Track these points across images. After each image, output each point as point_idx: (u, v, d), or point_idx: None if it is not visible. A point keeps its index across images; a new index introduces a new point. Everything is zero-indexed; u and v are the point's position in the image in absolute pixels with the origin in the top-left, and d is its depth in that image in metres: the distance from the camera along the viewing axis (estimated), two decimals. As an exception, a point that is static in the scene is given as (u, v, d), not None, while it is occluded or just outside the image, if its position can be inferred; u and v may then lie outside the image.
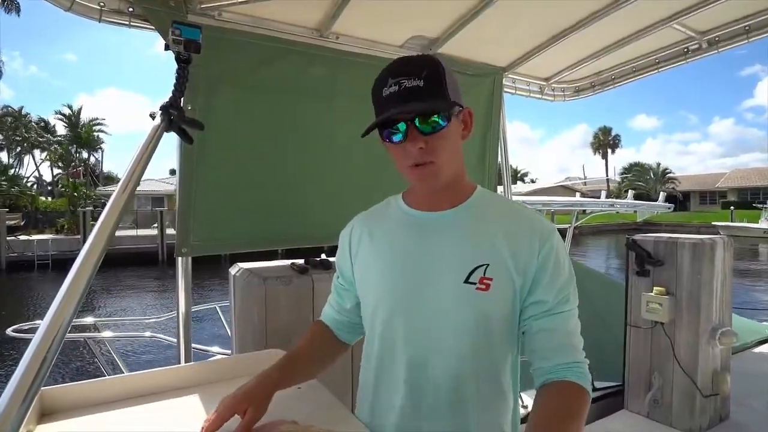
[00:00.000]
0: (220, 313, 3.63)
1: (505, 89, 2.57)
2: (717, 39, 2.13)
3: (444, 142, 0.86)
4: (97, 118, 40.71)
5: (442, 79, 0.85)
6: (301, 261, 1.72)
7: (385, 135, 0.88)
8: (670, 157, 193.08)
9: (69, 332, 0.78)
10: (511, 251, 0.89)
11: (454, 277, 0.89)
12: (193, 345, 1.76)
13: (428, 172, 0.88)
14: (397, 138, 0.86)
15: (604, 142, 60.33)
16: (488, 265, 0.89)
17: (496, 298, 0.89)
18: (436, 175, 0.88)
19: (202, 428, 0.84)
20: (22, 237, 22.02)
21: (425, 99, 0.83)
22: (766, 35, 1.98)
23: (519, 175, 63.61)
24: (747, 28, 2.02)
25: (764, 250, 23.07)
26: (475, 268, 0.89)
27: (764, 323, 3.90)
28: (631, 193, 12.96)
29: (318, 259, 1.74)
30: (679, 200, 47.39)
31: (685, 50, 2.26)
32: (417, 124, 0.84)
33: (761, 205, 29.18)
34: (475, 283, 0.88)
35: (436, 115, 0.84)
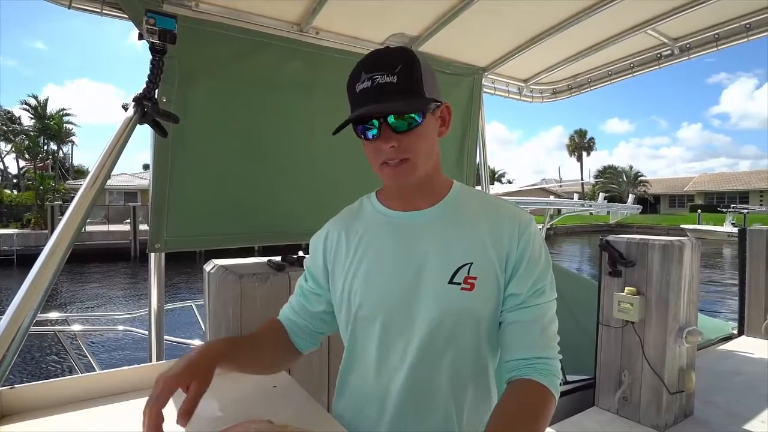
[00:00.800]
0: (195, 310, 3.56)
1: (485, 89, 2.60)
2: (688, 46, 2.20)
3: (418, 140, 0.84)
4: (64, 109, 39.38)
5: (417, 74, 0.82)
6: (278, 258, 1.70)
7: (359, 130, 0.85)
8: (642, 161, 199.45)
9: (39, 326, 0.75)
10: (493, 246, 0.88)
11: (438, 279, 0.87)
12: (169, 338, 1.73)
13: (401, 170, 0.85)
14: (371, 134, 0.84)
15: (580, 144, 61.71)
16: (471, 263, 0.87)
17: (482, 297, 0.87)
18: (409, 174, 0.85)
19: (144, 412, 0.73)
20: (-15, 231, 21.14)
21: (398, 97, 0.80)
22: (734, 43, 2.05)
23: (496, 175, 64.44)
24: (716, 36, 2.09)
25: (727, 252, 23.99)
26: (459, 268, 0.87)
27: (728, 322, 4.05)
28: (602, 195, 13.30)
29: (295, 256, 1.71)
30: (650, 203, 48.91)
31: (659, 56, 2.33)
32: (390, 122, 0.81)
33: (725, 210, 30.31)
34: (459, 284, 0.86)
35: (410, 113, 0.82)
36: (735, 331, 3.77)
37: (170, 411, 0.97)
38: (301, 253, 1.77)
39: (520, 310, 0.88)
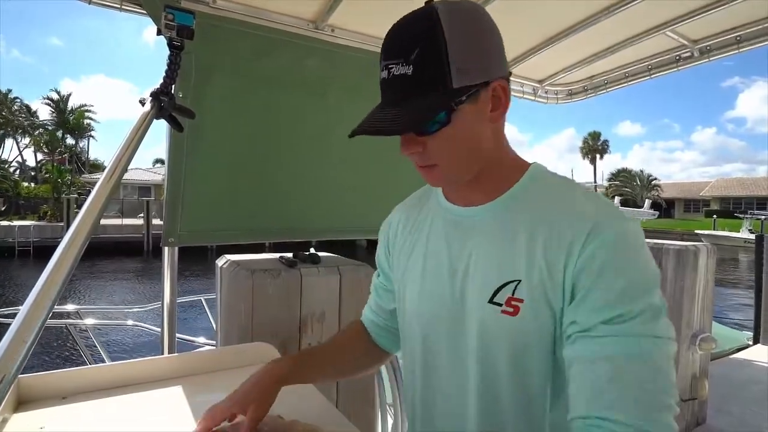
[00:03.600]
0: (205, 305, 3.59)
1: (499, 90, 2.58)
2: (709, 48, 2.16)
3: (446, 143, 0.67)
4: (86, 104, 40.06)
5: (440, 58, 0.63)
6: (289, 255, 1.71)
7: None
8: (655, 164, 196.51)
9: (50, 319, 0.76)
10: (545, 258, 0.66)
11: (479, 294, 0.70)
12: (178, 335, 1.74)
13: (433, 176, 0.72)
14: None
15: (593, 147, 61.10)
16: (519, 281, 0.67)
17: (528, 327, 0.67)
18: (440, 180, 0.73)
19: None
20: (3, 222, 21.57)
21: (414, 95, 0.64)
22: (756, 46, 2.01)
23: (508, 176, 63.86)
24: (738, 38, 2.04)
25: (744, 258, 23.56)
26: (503, 285, 0.68)
27: (744, 332, 3.98)
28: (617, 199, 13.16)
29: (307, 253, 1.72)
30: (664, 207, 48.21)
31: (677, 57, 2.29)
32: None
33: (742, 215, 29.76)
34: (501, 305, 0.68)
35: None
36: (750, 342, 3.71)
37: (172, 411, 0.98)
38: (312, 250, 1.78)
39: (583, 341, 0.62)
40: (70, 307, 3.14)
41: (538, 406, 0.69)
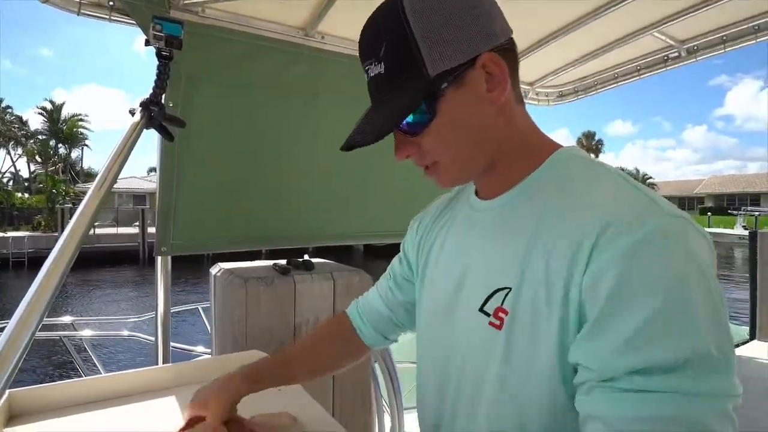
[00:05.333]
0: (201, 313, 3.58)
1: (491, 93, 2.59)
2: (696, 48, 2.18)
3: (440, 138, 0.59)
4: (79, 114, 39.93)
5: (408, 45, 0.55)
6: (283, 261, 1.70)
7: None
8: (648, 163, 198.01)
9: (45, 331, 0.76)
10: (546, 265, 0.53)
11: (470, 300, 0.62)
12: (173, 344, 1.73)
13: (438, 177, 0.64)
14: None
15: (588, 146, 61.34)
16: (510, 290, 0.57)
17: (512, 345, 0.56)
18: (446, 177, 0.64)
19: None
20: (-3, 234, 21.42)
21: (389, 94, 0.59)
22: (741, 45, 2.03)
23: (504, 178, 64.11)
24: (724, 38, 2.07)
25: (739, 254, 23.68)
26: (494, 292, 0.58)
27: (743, 327, 4.00)
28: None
29: (301, 260, 1.72)
30: (659, 205, 48.38)
31: (665, 58, 2.31)
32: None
33: (736, 212, 29.93)
34: (489, 315, 0.59)
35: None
36: (748, 336, 3.73)
37: (167, 422, 0.98)
38: (306, 257, 1.78)
39: (602, 393, 0.47)
40: (65, 318, 3.12)
41: None
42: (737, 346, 3.53)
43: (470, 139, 0.60)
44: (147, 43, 1.30)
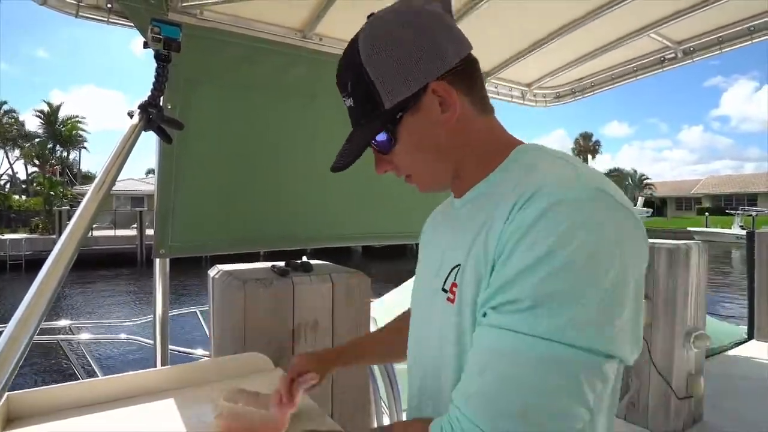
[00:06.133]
0: (200, 316, 3.57)
1: (488, 94, 2.59)
2: (692, 49, 2.19)
3: (406, 157, 0.69)
4: (77, 116, 39.85)
5: (365, 82, 0.65)
6: (281, 263, 1.70)
7: None
8: (645, 164, 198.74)
9: (42, 334, 0.76)
10: (484, 240, 0.60)
11: (440, 283, 0.68)
12: (171, 347, 1.73)
13: (416, 185, 0.73)
14: None
15: (585, 147, 61.50)
16: (460, 265, 0.64)
17: (464, 315, 0.61)
18: (423, 186, 0.73)
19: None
20: (-6, 236, 21.34)
21: (358, 125, 0.70)
22: (738, 46, 2.04)
23: (502, 179, 64.16)
24: (720, 39, 2.08)
25: (736, 255, 23.77)
26: (451, 270, 0.66)
27: (740, 327, 4.01)
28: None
29: (299, 261, 1.72)
30: (656, 206, 48.59)
31: (662, 59, 2.32)
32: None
33: (733, 212, 30.03)
34: (447, 292, 0.66)
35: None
36: (746, 335, 3.73)
37: (166, 424, 0.97)
38: (305, 258, 1.78)
39: (480, 326, 0.57)
40: (63, 322, 3.11)
41: None
42: (736, 345, 3.53)
43: (430, 155, 0.69)
44: (145, 45, 1.30)
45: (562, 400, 0.50)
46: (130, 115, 1.30)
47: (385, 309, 3.61)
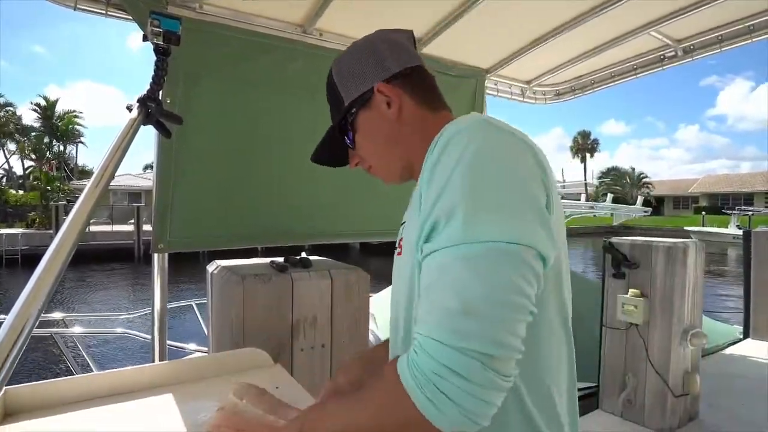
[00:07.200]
0: (196, 310, 3.57)
1: (488, 91, 2.60)
2: (692, 47, 2.19)
3: (362, 149, 0.83)
4: (74, 110, 39.64)
5: (334, 92, 0.83)
6: (280, 259, 1.70)
7: None
8: (643, 162, 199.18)
9: (36, 328, 0.75)
10: (417, 191, 0.66)
11: (396, 243, 0.75)
12: (169, 342, 1.73)
13: (377, 176, 0.86)
14: None
15: (583, 145, 61.57)
16: (404, 222, 0.72)
17: (411, 261, 0.65)
18: (379, 176, 0.85)
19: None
20: (-10, 231, 21.24)
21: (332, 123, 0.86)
22: (737, 45, 2.04)
23: (500, 177, 64.17)
24: (720, 37, 2.08)
25: (732, 254, 23.86)
26: (401, 230, 0.74)
27: (735, 326, 4.02)
28: (609, 196, 13.24)
29: (298, 257, 1.72)
30: (653, 205, 48.76)
31: (662, 57, 2.32)
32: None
33: (730, 211, 30.12)
34: (397, 247, 0.74)
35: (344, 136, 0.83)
36: (741, 335, 3.75)
37: (164, 420, 0.97)
38: (303, 254, 1.78)
39: (423, 267, 0.60)
40: (56, 315, 3.09)
41: None
42: (731, 345, 3.55)
43: (380, 146, 0.81)
44: (145, 38, 1.29)
45: (497, 290, 0.52)
46: (129, 108, 1.29)
47: (382, 305, 3.61)
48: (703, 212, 36.74)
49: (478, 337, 0.50)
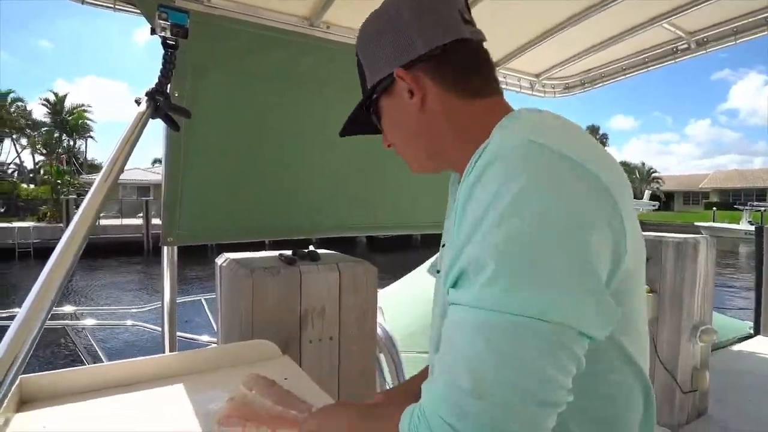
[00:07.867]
0: (205, 304, 3.59)
1: (496, 85, 2.57)
2: (705, 39, 2.16)
3: (387, 131, 0.77)
4: (83, 104, 39.92)
5: (361, 68, 0.76)
6: (289, 252, 1.71)
7: None
8: (651, 157, 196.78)
9: (48, 321, 0.76)
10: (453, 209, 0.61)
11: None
12: (178, 334, 1.75)
13: (405, 160, 0.79)
14: None
15: (592, 140, 60.97)
16: (445, 245, 0.68)
17: (443, 294, 0.61)
18: (408, 162, 0.78)
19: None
20: (2, 224, 21.53)
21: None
22: (753, 37, 2.00)
23: (507, 171, 64.03)
24: (735, 29, 2.04)
25: (743, 250, 23.58)
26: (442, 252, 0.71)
27: (745, 321, 3.98)
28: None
29: (306, 250, 1.72)
30: (663, 200, 48.23)
31: (674, 50, 2.28)
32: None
33: (742, 207, 29.75)
34: (439, 272, 0.70)
35: (373, 116, 0.77)
36: (752, 331, 3.72)
37: (175, 409, 0.98)
38: (311, 248, 1.78)
39: (448, 311, 0.53)
40: (68, 308, 3.13)
41: None
42: (742, 340, 3.52)
43: (404, 135, 0.74)
44: (153, 32, 1.29)
45: (514, 374, 0.44)
46: (138, 102, 1.29)
47: (390, 299, 3.62)
48: (714, 208, 36.32)
49: (479, 423, 0.44)
